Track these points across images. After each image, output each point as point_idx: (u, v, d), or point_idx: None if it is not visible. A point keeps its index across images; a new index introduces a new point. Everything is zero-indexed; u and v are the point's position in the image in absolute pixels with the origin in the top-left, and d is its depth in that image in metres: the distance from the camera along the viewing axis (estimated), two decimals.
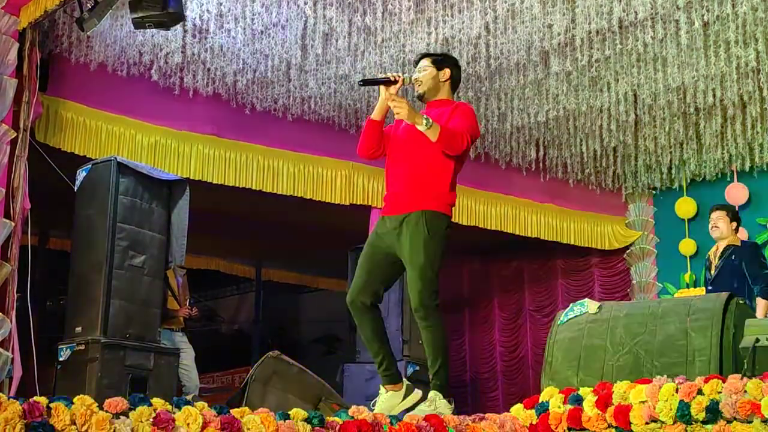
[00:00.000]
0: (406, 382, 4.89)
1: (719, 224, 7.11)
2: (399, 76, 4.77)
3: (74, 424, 3.04)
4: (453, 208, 4.84)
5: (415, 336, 8.67)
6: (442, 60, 5.02)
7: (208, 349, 14.28)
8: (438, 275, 4.71)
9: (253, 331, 15.85)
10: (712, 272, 7.10)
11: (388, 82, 4.76)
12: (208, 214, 9.11)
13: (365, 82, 5.09)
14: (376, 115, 4.87)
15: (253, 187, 9.25)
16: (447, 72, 4.96)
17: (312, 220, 10.81)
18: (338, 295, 13.23)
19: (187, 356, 8.04)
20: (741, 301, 4.57)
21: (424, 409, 4.52)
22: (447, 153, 4.68)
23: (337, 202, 9.80)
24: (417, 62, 5.04)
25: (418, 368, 8.55)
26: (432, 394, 4.64)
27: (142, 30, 6.59)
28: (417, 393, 4.84)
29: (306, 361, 8.03)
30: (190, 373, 8.07)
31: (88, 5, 6.45)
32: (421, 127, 4.55)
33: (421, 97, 4.96)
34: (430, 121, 4.54)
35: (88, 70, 8.09)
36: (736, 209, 7.59)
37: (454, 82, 5.02)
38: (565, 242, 11.70)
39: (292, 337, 17.63)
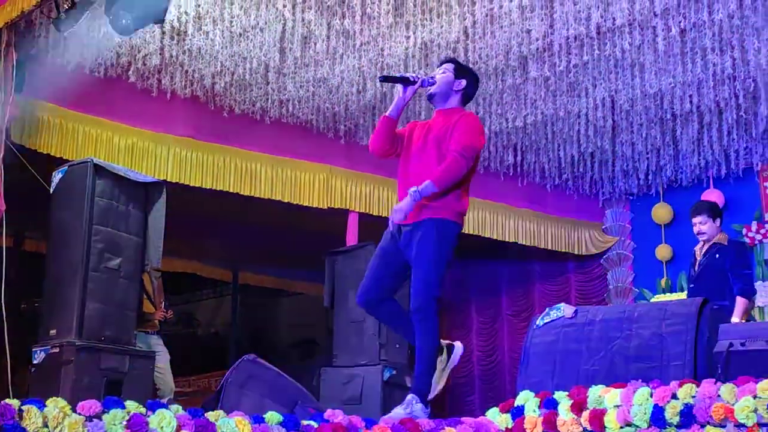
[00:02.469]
0: (441, 342, 4.88)
1: (704, 229, 6.95)
2: (418, 78, 4.84)
3: (46, 426, 3.02)
4: (464, 218, 4.90)
5: (392, 340, 8.67)
6: (463, 70, 5.03)
7: (184, 352, 14.22)
8: (441, 282, 4.76)
9: (229, 335, 15.78)
10: (696, 269, 6.98)
11: (406, 81, 4.83)
12: (185, 216, 9.07)
13: (385, 79, 5.11)
14: (391, 112, 4.89)
15: (231, 190, 9.22)
16: (463, 83, 4.95)
17: (290, 224, 10.80)
18: (316, 299, 13.20)
19: (162, 359, 7.99)
20: (715, 306, 4.60)
21: (399, 411, 4.52)
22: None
23: (315, 206, 9.80)
24: (442, 63, 5.07)
25: (395, 372, 8.54)
26: (410, 396, 4.63)
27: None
28: (458, 345, 4.97)
29: (283, 365, 7.99)
30: (165, 376, 8.02)
31: (65, 6, 6.42)
32: (416, 199, 4.61)
33: (430, 97, 4.98)
34: (417, 191, 4.60)
35: (64, 72, 8.04)
36: (717, 205, 7.35)
37: (467, 95, 5.01)
38: (542, 247, 11.74)
39: (269, 341, 17.57)
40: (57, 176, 6.87)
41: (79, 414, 3.13)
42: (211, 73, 8.45)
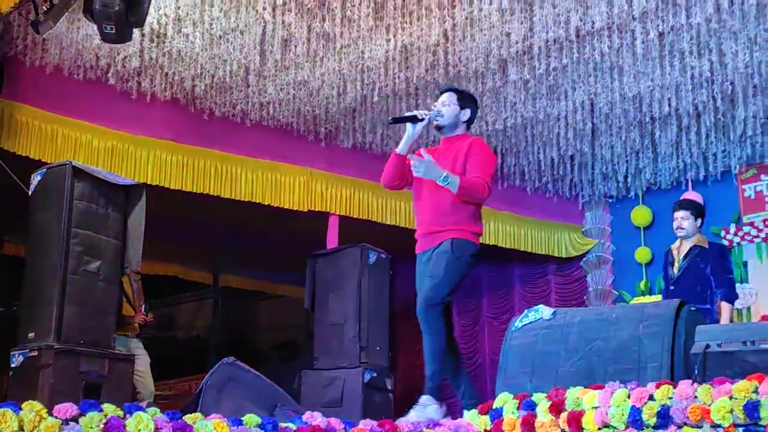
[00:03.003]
0: None
1: (684, 225, 6.93)
2: (425, 114, 5.14)
3: (22, 430, 3.00)
4: (480, 237, 5.21)
5: (373, 343, 8.68)
6: (466, 99, 5.37)
7: (165, 355, 14.17)
8: (453, 295, 5.09)
9: (210, 338, 15.75)
10: (675, 271, 6.94)
11: (414, 120, 5.12)
12: (165, 219, 9.05)
13: (395, 120, 5.43)
14: (401, 149, 5.21)
15: (211, 193, 9.20)
16: (468, 112, 5.33)
17: (270, 227, 10.78)
18: (297, 301, 13.20)
19: (142, 363, 7.96)
20: (692, 308, 4.62)
21: (413, 414, 4.71)
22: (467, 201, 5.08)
23: (295, 209, 9.79)
24: (441, 92, 5.40)
25: (375, 375, 8.55)
26: (424, 398, 4.86)
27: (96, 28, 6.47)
28: None
29: (264, 367, 7.99)
30: (145, 379, 7.99)
31: (44, 7, 6.38)
32: (439, 182, 4.93)
33: (438, 128, 5.32)
34: (448, 177, 4.90)
35: (43, 74, 8.02)
36: (702, 206, 7.37)
37: (471, 121, 5.39)
38: (522, 250, 11.76)
39: (250, 344, 17.55)
40: (35, 179, 6.82)
41: (56, 417, 3.12)
42: (191, 76, 8.43)
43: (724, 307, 6.71)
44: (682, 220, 6.96)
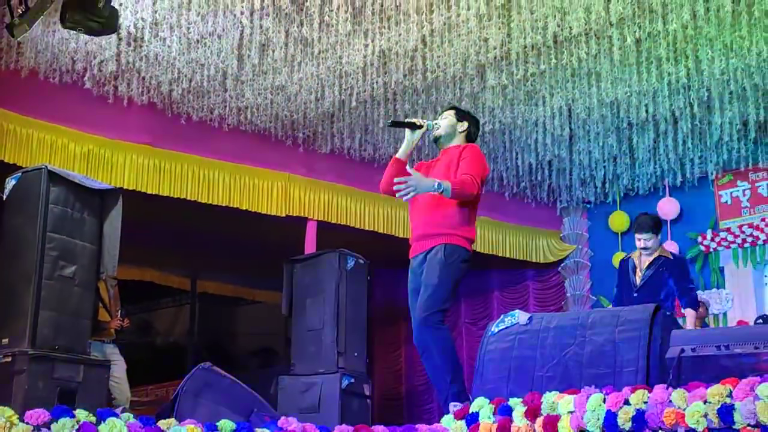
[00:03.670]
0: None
1: (649, 245, 7.20)
2: (424, 122, 5.31)
3: None
4: (473, 244, 5.34)
5: (351, 348, 8.66)
6: (463, 114, 5.55)
7: (142, 361, 14.09)
8: (449, 300, 5.18)
9: (188, 344, 15.67)
10: (638, 279, 7.17)
11: (413, 126, 5.29)
12: (142, 224, 8.99)
13: (393, 124, 5.61)
14: (401, 154, 5.37)
15: (189, 198, 9.16)
16: (465, 124, 5.50)
17: (248, 232, 10.74)
18: (275, 307, 13.16)
19: (118, 368, 7.92)
20: (668, 313, 4.64)
21: None
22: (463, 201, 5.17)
23: (273, 214, 9.76)
24: (443, 111, 5.59)
25: (353, 380, 8.53)
26: (452, 405, 4.85)
27: (72, 32, 6.42)
28: None
29: (242, 373, 7.94)
30: (121, 385, 7.95)
31: (19, 10, 6.33)
32: (434, 192, 5.02)
33: (436, 140, 5.47)
34: (441, 185, 4.98)
35: (18, 77, 7.95)
36: (659, 219, 7.70)
37: (470, 134, 5.51)
38: (500, 255, 11.78)
39: (228, 350, 17.47)
40: (10, 183, 6.76)
41: (27, 423, 3.09)
42: (168, 80, 8.39)
43: (690, 313, 7.05)
44: (646, 241, 7.27)
